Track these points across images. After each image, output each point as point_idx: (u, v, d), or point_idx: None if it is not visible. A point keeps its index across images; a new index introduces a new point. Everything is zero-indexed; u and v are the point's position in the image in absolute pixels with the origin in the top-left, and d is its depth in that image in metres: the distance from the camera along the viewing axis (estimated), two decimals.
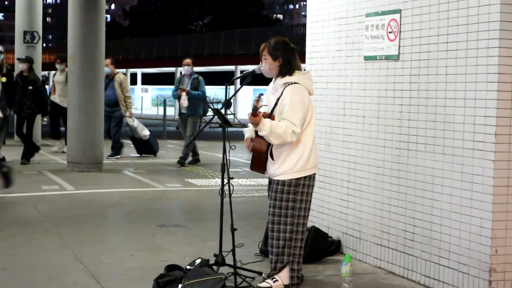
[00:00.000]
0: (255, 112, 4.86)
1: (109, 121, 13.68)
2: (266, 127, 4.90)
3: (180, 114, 12.90)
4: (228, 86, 5.55)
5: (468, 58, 4.93)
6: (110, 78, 13.69)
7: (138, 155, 14.25)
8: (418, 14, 5.41)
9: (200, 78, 12.74)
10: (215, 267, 5.20)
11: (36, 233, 7.00)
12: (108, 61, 13.62)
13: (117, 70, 14.18)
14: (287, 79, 5.09)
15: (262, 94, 4.97)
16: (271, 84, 5.26)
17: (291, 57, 5.12)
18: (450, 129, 5.08)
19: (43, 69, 17.15)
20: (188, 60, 12.82)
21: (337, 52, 6.37)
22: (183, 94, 12.50)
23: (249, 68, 5.67)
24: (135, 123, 14.13)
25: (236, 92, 5.83)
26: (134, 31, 62.24)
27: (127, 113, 13.73)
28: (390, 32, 5.70)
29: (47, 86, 28.51)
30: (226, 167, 5.20)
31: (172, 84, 41.24)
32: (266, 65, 5.15)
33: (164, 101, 23.58)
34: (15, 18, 16.81)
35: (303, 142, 5.05)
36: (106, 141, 13.03)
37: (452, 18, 5.08)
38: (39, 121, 15.87)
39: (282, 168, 5.06)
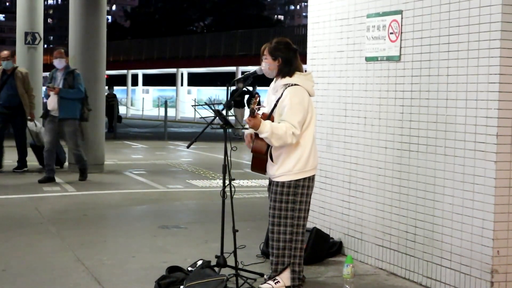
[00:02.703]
0: (253, 114, 4.85)
1: (4, 126, 11.44)
2: (267, 128, 4.88)
3: (49, 117, 10.23)
4: (229, 87, 5.55)
5: (469, 59, 4.92)
6: (8, 74, 11.26)
7: (41, 166, 11.48)
8: (419, 15, 5.40)
9: (76, 72, 10.28)
10: (216, 269, 5.19)
11: (37, 234, 7.00)
12: (7, 53, 11.43)
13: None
14: (288, 80, 5.07)
15: (258, 94, 4.96)
16: (272, 84, 5.25)
17: (292, 57, 5.11)
18: (452, 130, 5.08)
19: (44, 70, 17.14)
20: (58, 52, 10.25)
21: (338, 53, 6.36)
22: (51, 93, 10.09)
23: (250, 69, 5.66)
24: (38, 127, 11.71)
25: (237, 93, 5.83)
26: (135, 32, 62.40)
27: (29, 116, 11.33)
28: (391, 33, 5.69)
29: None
30: (227, 169, 5.19)
31: (173, 85, 41.44)
32: (266, 65, 5.15)
33: (165, 102, 23.59)
34: (16, 19, 16.83)
35: (302, 144, 5.03)
36: None
37: (453, 19, 5.07)
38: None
39: (281, 169, 5.04)
